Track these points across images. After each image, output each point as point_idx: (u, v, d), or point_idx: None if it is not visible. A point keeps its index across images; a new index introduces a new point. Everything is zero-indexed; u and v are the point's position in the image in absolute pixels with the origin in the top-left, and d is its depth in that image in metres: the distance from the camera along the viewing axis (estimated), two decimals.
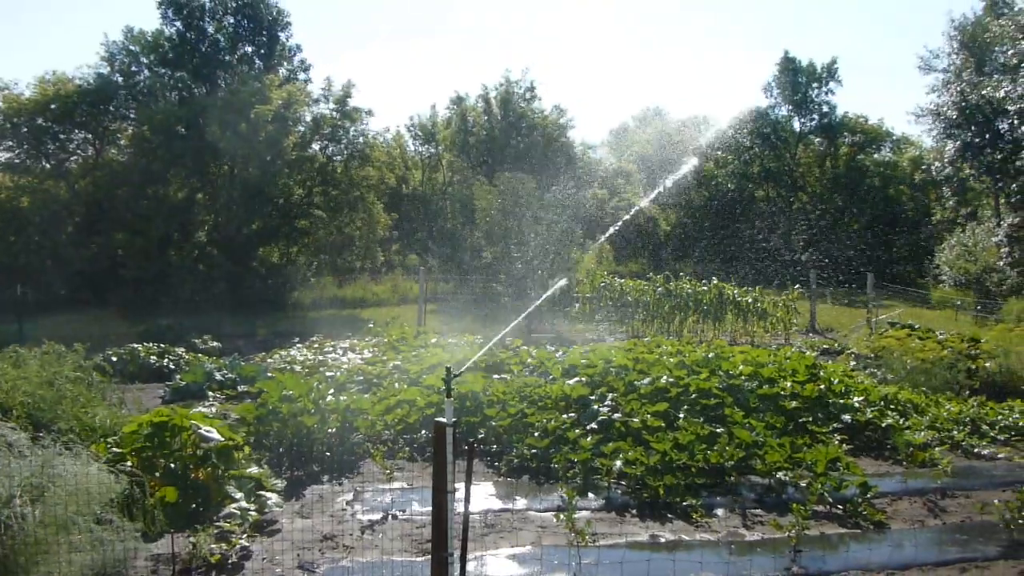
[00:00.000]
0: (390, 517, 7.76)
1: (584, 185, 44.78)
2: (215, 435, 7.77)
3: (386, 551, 6.88)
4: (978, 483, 9.00)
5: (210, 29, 32.07)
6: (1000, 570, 6.60)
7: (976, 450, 10.30)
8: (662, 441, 9.04)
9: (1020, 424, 11.10)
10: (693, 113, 79.14)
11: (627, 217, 42.27)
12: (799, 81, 52.59)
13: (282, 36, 34.35)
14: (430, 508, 7.77)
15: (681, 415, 10.11)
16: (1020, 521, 7.20)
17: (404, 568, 6.47)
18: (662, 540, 7.25)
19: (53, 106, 29.66)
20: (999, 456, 10.10)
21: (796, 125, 53.89)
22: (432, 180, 49.66)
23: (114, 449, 7.60)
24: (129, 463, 7.29)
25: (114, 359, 14.95)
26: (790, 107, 53.57)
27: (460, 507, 4.51)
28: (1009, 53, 34.09)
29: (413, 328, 19.23)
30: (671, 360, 12.43)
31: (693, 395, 10.65)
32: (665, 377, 11.18)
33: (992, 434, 10.86)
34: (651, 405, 10.30)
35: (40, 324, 20.20)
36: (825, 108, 52.74)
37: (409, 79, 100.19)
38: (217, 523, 7.06)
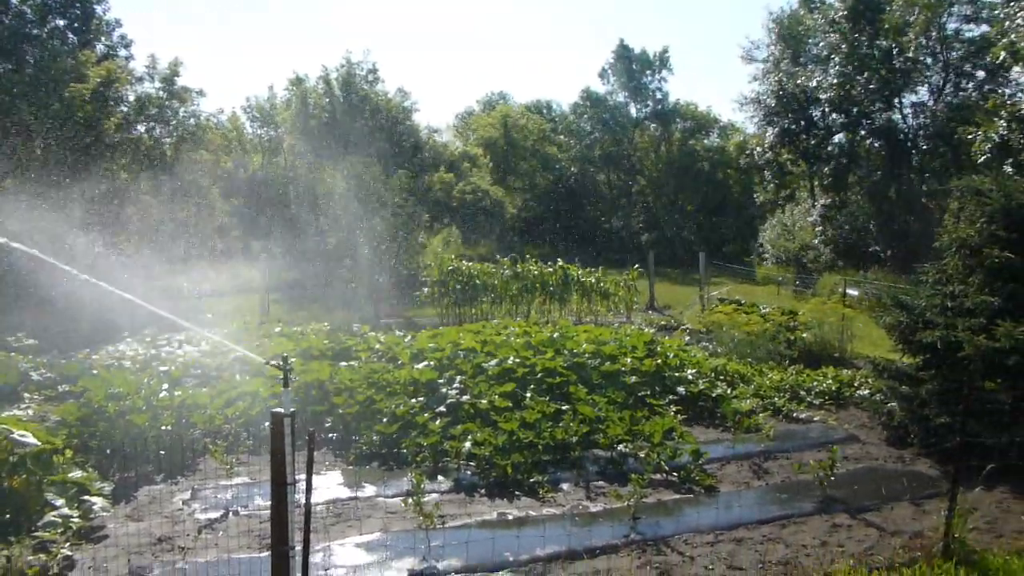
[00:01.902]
0: (231, 514, 7.45)
1: (430, 169, 44.67)
2: (31, 439, 7.17)
3: (226, 549, 6.60)
4: (796, 445, 9.79)
5: (14, 1, 29.23)
6: (816, 523, 7.21)
7: (795, 415, 11.19)
8: (510, 421, 9.19)
9: (832, 389, 12.16)
10: (536, 97, 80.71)
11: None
12: (634, 68, 54.71)
13: (98, 9, 31.76)
14: None
15: (528, 394, 10.32)
16: (832, 479, 7.88)
17: (245, 565, 6.24)
18: (510, 517, 7.39)
19: None
20: (815, 419, 11.03)
21: (633, 111, 56.08)
22: (273, 164, 47.75)
23: None
24: None
25: None
26: (626, 94, 55.66)
27: (302, 498, 4.38)
28: (820, 45, 36.98)
29: (256, 317, 18.49)
30: (518, 341, 12.65)
31: (539, 375, 10.90)
32: (512, 358, 11.37)
33: (808, 399, 11.84)
34: (499, 386, 10.44)
35: None
36: (659, 95, 55.20)
37: (245, 59, 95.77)
38: (35, 533, 6.53)
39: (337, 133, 41.77)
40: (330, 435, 9.86)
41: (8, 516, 6.73)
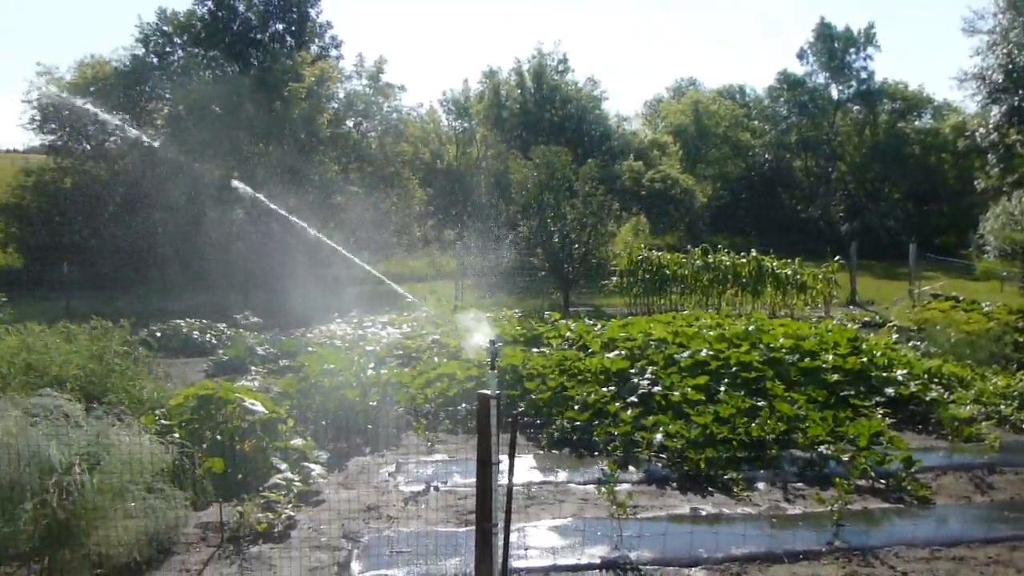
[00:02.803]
0: (432, 488, 7.83)
1: (619, 157, 44.43)
2: (259, 408, 7.90)
3: (429, 522, 6.96)
4: None
5: (241, 7, 32.19)
6: None
7: None
8: (703, 414, 8.99)
9: None
10: (728, 82, 77.92)
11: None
12: (835, 47, 51.39)
13: (312, 12, 34.35)
14: (471, 480, 7.85)
15: (722, 388, 10.04)
16: None
17: (447, 538, 6.54)
18: (703, 513, 7.23)
19: (92, 89, 30.08)
20: None
21: (834, 93, 52.74)
22: (466, 155, 49.59)
23: (162, 421, 7.78)
24: (177, 434, 7.44)
25: (158, 334, 15.23)
26: (827, 74, 52.41)
27: (503, 479, 4.53)
28: None
29: (450, 303, 19.32)
30: (710, 333, 12.33)
31: (733, 368, 10.56)
32: (705, 350, 11.11)
33: None
34: (691, 378, 10.24)
35: (87, 300, 20.67)
36: (863, 75, 51.54)
37: (441, 54, 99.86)
38: (263, 493, 7.19)
39: (528, 123, 42.59)
40: (522, 419, 10.12)
41: (240, 476, 7.47)
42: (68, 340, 10.22)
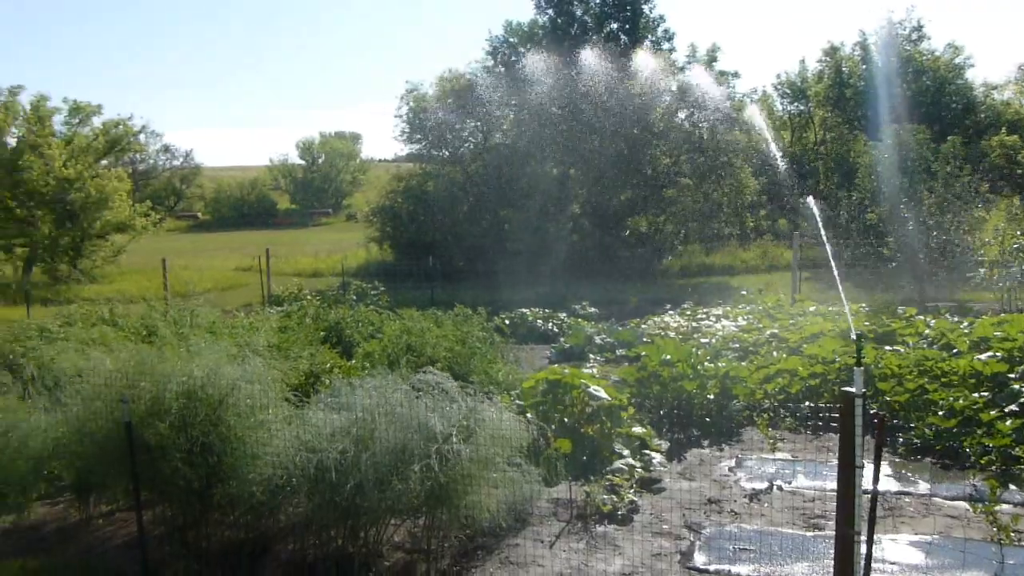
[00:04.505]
0: (775, 487, 7.56)
1: (987, 132, 38.85)
2: (602, 394, 8.23)
3: (772, 521, 6.74)
4: None
5: (578, 12, 33.69)
6: None
7: None
8: None
9: None
10: None
11: None
12: None
13: (645, 8, 34.84)
14: (818, 483, 7.53)
15: None
16: None
17: (793, 541, 6.28)
18: None
19: (450, 100, 33.69)
20: None
21: None
22: (802, 140, 46.84)
23: (517, 402, 8.45)
24: (529, 415, 8.05)
25: (507, 322, 16.57)
26: None
27: (864, 484, 4.22)
28: None
29: (788, 296, 18.43)
30: None
31: None
32: None
33: None
34: None
35: (445, 290, 23.17)
36: None
37: (776, 35, 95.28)
38: (606, 476, 7.50)
39: (874, 101, 38.99)
40: (873, 421, 9.33)
41: (584, 458, 7.86)
42: (437, 325, 11.56)
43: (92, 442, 6.41)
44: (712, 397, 9.73)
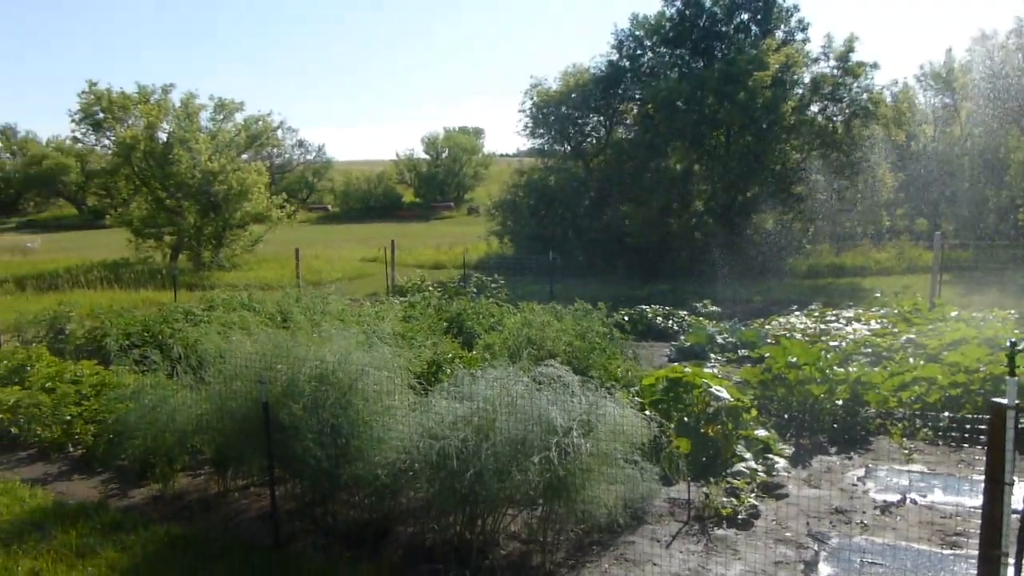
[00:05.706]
0: (908, 501, 7.18)
1: None
2: (724, 394, 8.04)
3: (904, 536, 6.40)
4: None
5: (707, 3, 32.80)
6: None
7: None
8: None
9: None
10: None
11: None
12: None
13: None
14: (956, 498, 7.10)
15: None
16: None
17: (928, 559, 5.95)
18: None
19: (573, 95, 33.65)
20: None
21: None
22: (946, 134, 43.95)
23: (636, 399, 8.38)
24: (648, 412, 7.97)
25: (626, 318, 16.42)
26: None
27: (1016, 503, 3.95)
28: None
29: (926, 299, 17.38)
30: None
31: None
32: None
33: None
34: None
35: (564, 285, 23.20)
36: None
37: (918, 24, 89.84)
38: (727, 478, 7.33)
39: None
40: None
41: (704, 459, 7.71)
42: (557, 319, 11.60)
43: (231, 419, 6.85)
44: (841, 403, 9.32)
